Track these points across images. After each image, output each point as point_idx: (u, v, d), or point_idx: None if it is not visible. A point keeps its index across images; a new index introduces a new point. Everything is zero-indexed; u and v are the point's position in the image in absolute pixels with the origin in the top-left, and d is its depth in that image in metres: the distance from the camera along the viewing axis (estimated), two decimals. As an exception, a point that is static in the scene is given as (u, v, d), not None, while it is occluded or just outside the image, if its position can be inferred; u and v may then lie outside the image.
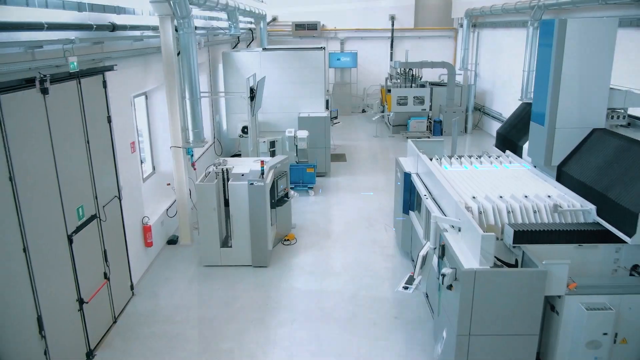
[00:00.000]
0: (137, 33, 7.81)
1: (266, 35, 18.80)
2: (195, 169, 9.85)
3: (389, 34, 22.38)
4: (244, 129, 12.50)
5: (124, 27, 6.84)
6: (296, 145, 12.07)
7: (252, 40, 18.72)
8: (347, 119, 20.87)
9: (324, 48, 13.70)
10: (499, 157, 7.95)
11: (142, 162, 9.03)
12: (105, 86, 6.55)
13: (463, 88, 18.62)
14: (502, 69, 17.04)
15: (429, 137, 17.35)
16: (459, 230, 5.63)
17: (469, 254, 5.18)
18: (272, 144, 13.20)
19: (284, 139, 12.59)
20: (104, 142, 6.59)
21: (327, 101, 13.93)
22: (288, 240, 9.31)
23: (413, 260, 8.35)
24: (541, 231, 5.33)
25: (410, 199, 8.20)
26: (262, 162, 7.96)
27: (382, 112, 19.25)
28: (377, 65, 22.60)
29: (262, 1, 20.25)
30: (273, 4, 21.49)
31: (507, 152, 8.10)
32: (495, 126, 17.62)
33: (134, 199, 7.78)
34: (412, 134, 17.53)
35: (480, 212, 5.72)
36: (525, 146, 7.56)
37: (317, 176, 12.51)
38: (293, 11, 21.98)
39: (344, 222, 10.23)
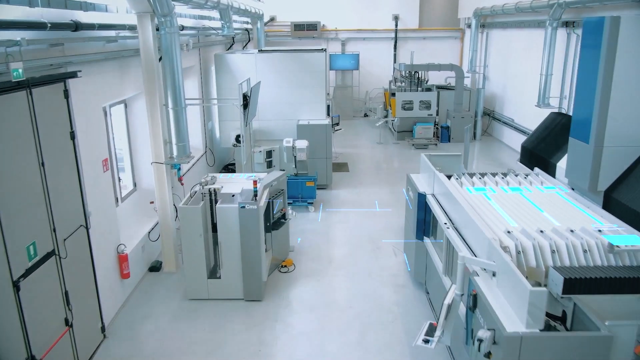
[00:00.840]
0: (111, 33, 6.78)
1: (263, 36, 17.76)
2: (182, 184, 8.86)
3: (393, 35, 21.36)
4: (238, 138, 11.48)
5: (91, 26, 5.80)
6: (295, 157, 11.04)
7: (249, 41, 17.69)
8: (349, 124, 19.86)
9: (325, 50, 12.67)
10: (527, 175, 6.91)
11: (119, 179, 8.00)
12: (67, 96, 5.51)
13: (472, 92, 17.60)
14: (514, 72, 16.02)
15: (436, 144, 16.34)
16: (493, 274, 4.59)
17: (509, 309, 4.15)
18: (269, 154, 12.16)
19: (282, 149, 11.56)
20: (65, 162, 5.55)
21: (328, 106, 12.90)
22: (285, 266, 8.27)
23: (428, 293, 7.32)
24: (597, 279, 4.29)
25: (424, 223, 7.17)
26: (255, 181, 6.92)
27: (386, 117, 18.23)
28: (379, 67, 21.59)
29: (261, 0, 19.22)
30: (271, 3, 20.45)
31: (536, 169, 7.07)
32: (506, 132, 16.62)
33: (107, 225, 6.74)
34: (418, 140, 16.52)
35: (518, 252, 4.69)
36: (560, 164, 6.54)
37: (317, 189, 11.48)
38: (292, 11, 20.94)
39: (347, 244, 9.19)
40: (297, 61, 11.90)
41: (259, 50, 12.54)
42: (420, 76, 17.53)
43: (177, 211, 8.01)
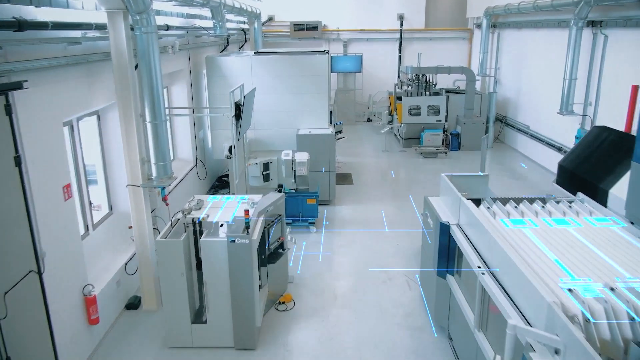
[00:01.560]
0: (75, 33, 5.68)
1: (261, 37, 16.69)
2: (167, 204, 7.79)
3: (397, 35, 20.28)
4: (232, 149, 10.39)
5: (42, 25, 4.69)
6: (294, 171, 9.93)
7: (245, 42, 16.61)
8: (351, 129, 18.76)
9: (327, 52, 11.58)
10: (571, 203, 5.82)
11: (91, 203, 6.90)
12: (10, 112, 4.40)
13: (483, 96, 16.50)
14: (529, 76, 14.92)
15: (445, 153, 15.24)
16: (556, 352, 3.49)
17: (587, 410, 3.05)
18: (266, 166, 11.07)
19: (280, 161, 10.46)
20: (7, 195, 4.45)
21: (330, 113, 11.79)
22: (284, 303, 7.16)
23: (451, 339, 6.22)
24: (702, 364, 3.20)
25: (447, 258, 6.07)
26: (247, 211, 5.81)
27: (391, 122, 17.13)
28: (384, 70, 20.52)
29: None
30: (270, 2, 19.34)
31: (580, 195, 5.98)
32: (520, 140, 15.52)
33: (70, 265, 5.63)
34: (426, 148, 15.42)
35: (587, 320, 3.59)
36: (614, 192, 5.45)
37: (319, 205, 10.37)
38: (291, 10, 19.84)
39: (354, 273, 8.08)
40: (296, 64, 10.82)
41: (254, 53, 11.44)
42: (428, 79, 16.45)
43: (158, 230, 6.91)
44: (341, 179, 12.85)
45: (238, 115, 7.81)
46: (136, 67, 6.26)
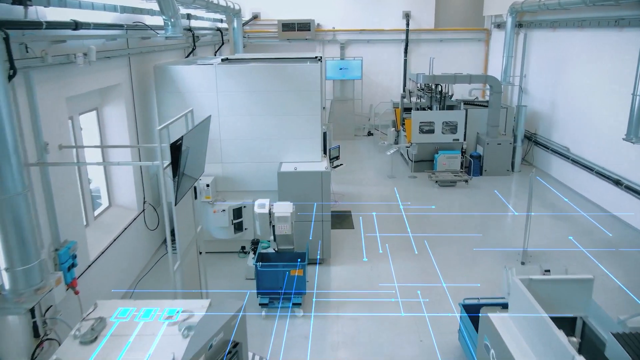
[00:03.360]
0: None
1: (241, 38, 13.87)
2: (77, 292, 5.14)
3: (403, 36, 17.49)
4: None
5: None
6: (273, 227, 7.08)
7: (222, 44, 13.80)
8: (350, 146, 15.96)
9: (321, 59, 8.78)
10: None
11: None
12: None
13: (509, 110, 13.71)
14: (569, 86, 12.13)
15: (466, 182, 12.42)
16: None
17: None
18: (237, 212, 8.28)
19: (254, 216, 7.57)
20: None
21: (324, 135, 8.98)
22: None
23: None
24: None
25: None
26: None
27: (397, 137, 14.34)
28: (387, 76, 17.79)
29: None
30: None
31: None
32: (555, 163, 12.72)
33: None
34: (442, 175, 12.62)
35: None
36: None
37: (308, 264, 7.53)
38: (280, 7, 17.01)
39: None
40: (279, 75, 8.01)
41: (222, 60, 8.62)
42: (442, 90, 13.66)
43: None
44: (338, 220, 10.02)
45: (175, 164, 4.87)
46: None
